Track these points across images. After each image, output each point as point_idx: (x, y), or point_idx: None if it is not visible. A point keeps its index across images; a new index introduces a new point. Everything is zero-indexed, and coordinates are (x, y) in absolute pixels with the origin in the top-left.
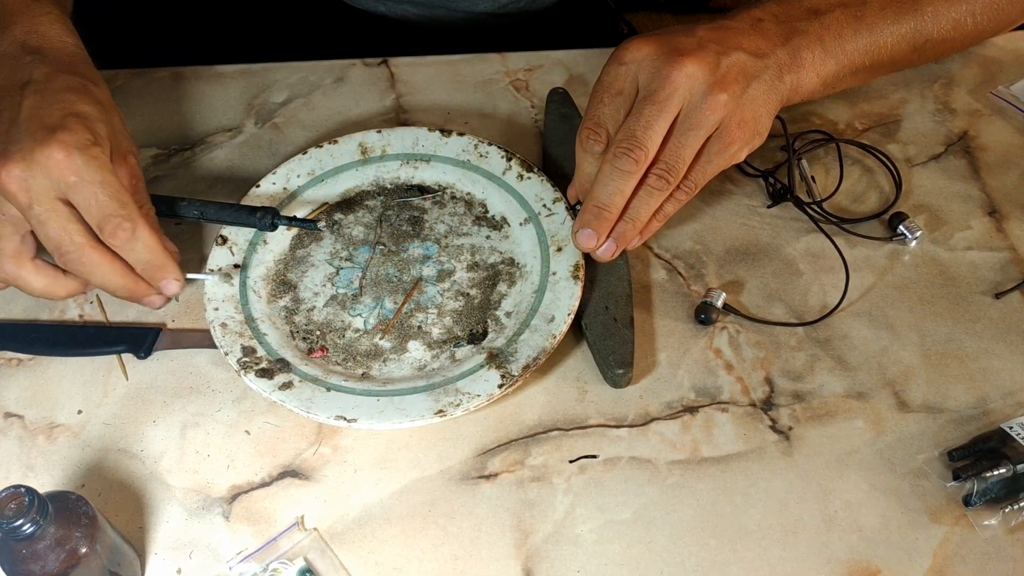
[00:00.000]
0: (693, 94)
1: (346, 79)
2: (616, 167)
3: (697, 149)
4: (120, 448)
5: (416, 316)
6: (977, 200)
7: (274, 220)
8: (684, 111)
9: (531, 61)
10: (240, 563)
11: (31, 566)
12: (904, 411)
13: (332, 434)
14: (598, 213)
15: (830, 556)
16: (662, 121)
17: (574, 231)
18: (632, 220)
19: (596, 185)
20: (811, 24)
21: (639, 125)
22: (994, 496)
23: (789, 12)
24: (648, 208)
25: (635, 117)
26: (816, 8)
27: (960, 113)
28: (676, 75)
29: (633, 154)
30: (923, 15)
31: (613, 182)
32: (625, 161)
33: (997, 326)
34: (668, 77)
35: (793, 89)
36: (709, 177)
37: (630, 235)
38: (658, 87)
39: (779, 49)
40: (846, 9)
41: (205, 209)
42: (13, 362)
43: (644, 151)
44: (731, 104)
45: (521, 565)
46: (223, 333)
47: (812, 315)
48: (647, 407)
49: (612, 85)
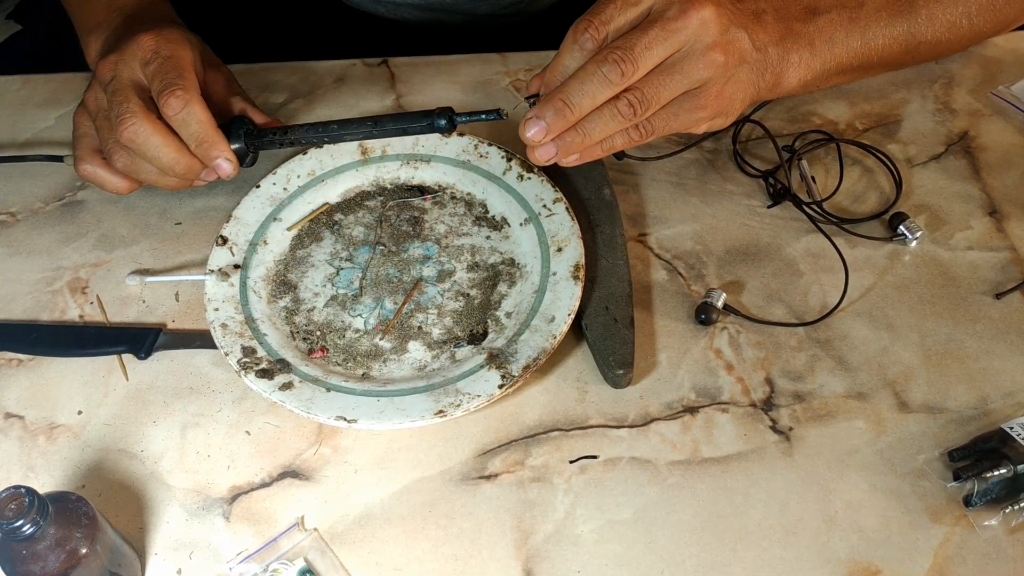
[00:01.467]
0: (697, 41)
1: (346, 79)
2: (601, 71)
3: (675, 95)
4: (120, 448)
5: (416, 316)
6: (977, 200)
7: (452, 119)
8: (681, 53)
9: (531, 61)
10: (240, 563)
11: (31, 567)
12: (904, 411)
13: (332, 434)
14: (560, 109)
15: (830, 556)
16: (663, 50)
17: (527, 117)
18: (583, 134)
19: (572, 81)
20: (806, 26)
21: (641, 42)
22: (995, 496)
23: (789, 9)
24: (604, 130)
25: (640, 33)
26: (814, 7)
27: (960, 113)
28: (693, 14)
29: (623, 66)
30: (917, 17)
31: (591, 85)
32: (613, 69)
33: (997, 326)
34: (686, 12)
35: (771, 88)
36: (666, 131)
37: (574, 148)
38: (674, 16)
39: (772, 47)
40: (842, 10)
41: (378, 122)
42: (13, 362)
43: (634, 68)
44: (722, 70)
45: (521, 565)
46: (223, 333)
47: (812, 315)
48: (647, 407)
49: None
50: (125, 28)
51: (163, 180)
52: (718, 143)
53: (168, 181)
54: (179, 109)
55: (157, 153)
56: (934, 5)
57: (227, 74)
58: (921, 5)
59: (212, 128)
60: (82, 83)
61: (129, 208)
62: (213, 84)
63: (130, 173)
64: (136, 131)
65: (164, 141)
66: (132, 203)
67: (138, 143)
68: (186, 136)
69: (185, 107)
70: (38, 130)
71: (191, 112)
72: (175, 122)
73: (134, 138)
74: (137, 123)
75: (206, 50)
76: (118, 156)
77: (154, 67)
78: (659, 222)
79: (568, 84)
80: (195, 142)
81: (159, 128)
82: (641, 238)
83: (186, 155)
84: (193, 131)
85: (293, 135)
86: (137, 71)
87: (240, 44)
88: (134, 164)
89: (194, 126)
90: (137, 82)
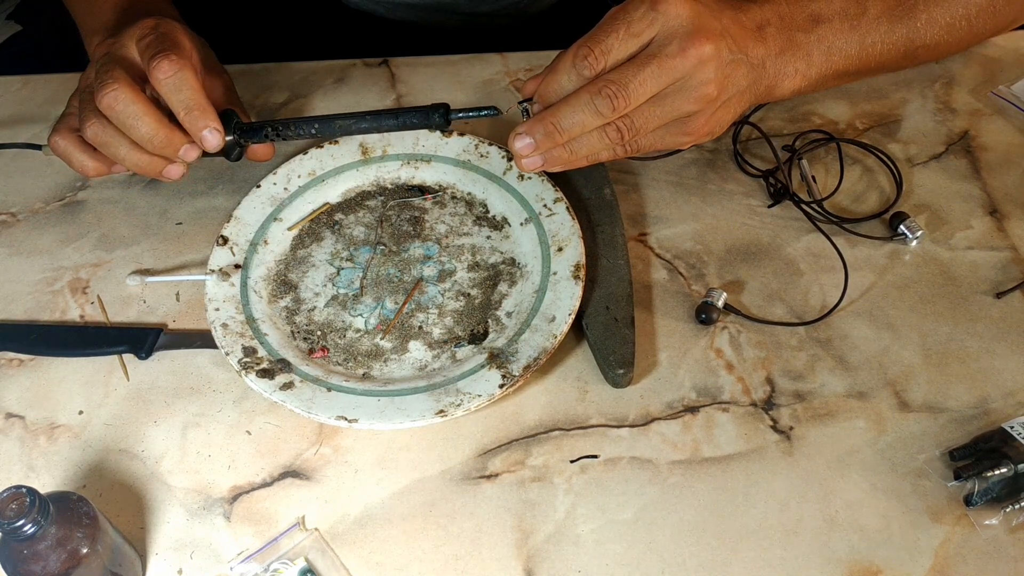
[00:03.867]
0: (692, 78)
1: (346, 79)
2: (594, 103)
3: (663, 124)
4: (121, 448)
5: (417, 316)
6: (978, 200)
7: (447, 115)
8: (675, 87)
9: (531, 61)
10: (241, 563)
11: (32, 566)
12: (905, 411)
13: (333, 434)
14: (549, 132)
15: (831, 556)
16: (656, 85)
17: (517, 131)
18: (570, 151)
19: (564, 106)
20: (808, 36)
21: (637, 78)
22: (995, 496)
23: (793, 17)
24: (590, 149)
25: (637, 68)
26: (818, 16)
27: (961, 113)
28: (692, 52)
29: (616, 101)
30: (917, 22)
31: (581, 114)
32: (605, 104)
33: (998, 326)
34: (685, 51)
35: (764, 96)
36: (652, 149)
37: (559, 163)
38: (672, 53)
39: (769, 61)
40: (844, 18)
41: (377, 117)
42: (14, 363)
43: (626, 103)
44: (713, 104)
45: (522, 565)
46: (224, 333)
47: (813, 315)
48: (648, 407)
49: (635, 24)
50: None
51: (132, 157)
52: (718, 143)
53: (138, 159)
54: (171, 73)
55: (135, 123)
56: (934, 9)
57: (227, 83)
58: (922, 9)
59: (204, 97)
60: None
61: (130, 208)
62: (211, 90)
63: (99, 145)
64: (116, 97)
65: (144, 110)
66: (133, 203)
67: (117, 110)
68: (176, 102)
69: (178, 72)
70: (38, 130)
71: (183, 78)
72: (165, 86)
73: (113, 104)
74: (119, 89)
75: (210, 54)
76: (90, 124)
77: (149, 39)
78: (659, 222)
79: (559, 108)
80: (184, 109)
81: (140, 97)
82: (641, 238)
83: (164, 128)
84: (184, 97)
85: (286, 130)
86: (132, 50)
87: (240, 44)
88: (105, 135)
89: (186, 92)
90: (129, 58)
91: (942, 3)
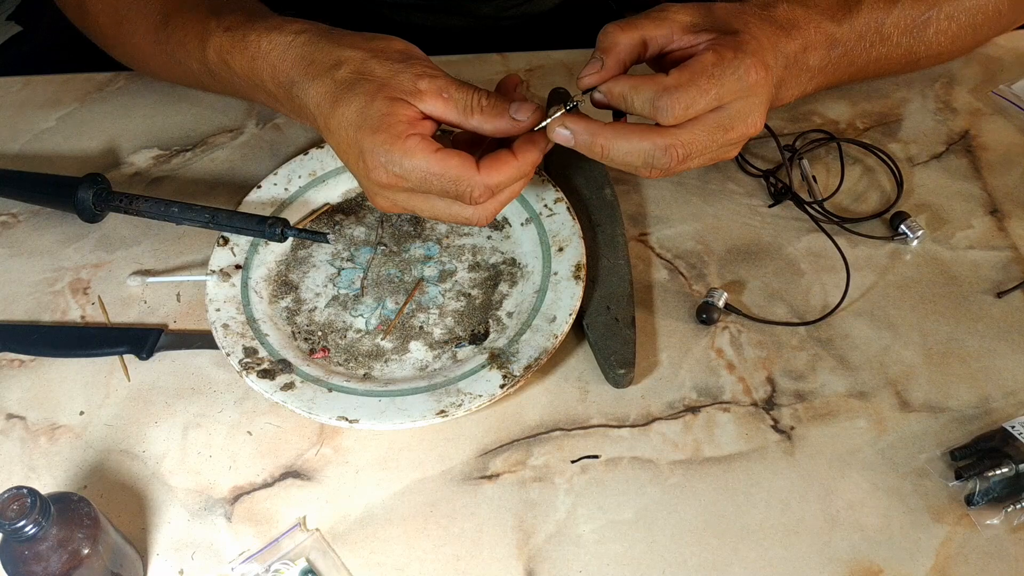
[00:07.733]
0: (747, 137)
1: None
2: (652, 158)
3: None
4: (122, 449)
5: (417, 316)
6: (979, 199)
7: (284, 231)
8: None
9: (532, 61)
10: (242, 564)
11: (33, 567)
12: (906, 410)
13: (334, 435)
14: (595, 152)
15: (832, 556)
16: (716, 151)
17: (563, 123)
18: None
19: (620, 141)
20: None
21: (698, 147)
22: (996, 495)
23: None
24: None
25: (707, 139)
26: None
27: (961, 112)
28: (758, 125)
29: (672, 163)
30: (925, 34)
31: (637, 156)
32: (664, 162)
33: (999, 325)
34: (756, 126)
35: None
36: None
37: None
38: (735, 124)
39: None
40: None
41: (216, 215)
42: (15, 363)
43: (679, 167)
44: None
45: (523, 565)
46: (225, 334)
47: (814, 315)
48: (649, 407)
49: (726, 94)
50: (350, 84)
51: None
52: None
53: None
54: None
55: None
56: (944, 22)
57: None
58: (932, 22)
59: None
60: (82, 84)
61: None
62: None
63: None
64: (477, 190)
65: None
66: None
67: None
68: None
69: None
70: (38, 131)
71: None
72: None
73: (480, 197)
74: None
75: None
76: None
77: (462, 91)
78: (660, 221)
79: (615, 142)
80: None
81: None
82: (642, 237)
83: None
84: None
85: (138, 205)
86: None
87: None
88: None
89: None
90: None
91: (952, 17)
